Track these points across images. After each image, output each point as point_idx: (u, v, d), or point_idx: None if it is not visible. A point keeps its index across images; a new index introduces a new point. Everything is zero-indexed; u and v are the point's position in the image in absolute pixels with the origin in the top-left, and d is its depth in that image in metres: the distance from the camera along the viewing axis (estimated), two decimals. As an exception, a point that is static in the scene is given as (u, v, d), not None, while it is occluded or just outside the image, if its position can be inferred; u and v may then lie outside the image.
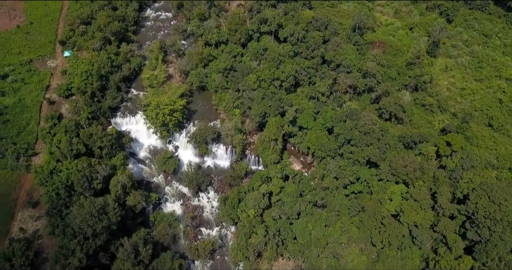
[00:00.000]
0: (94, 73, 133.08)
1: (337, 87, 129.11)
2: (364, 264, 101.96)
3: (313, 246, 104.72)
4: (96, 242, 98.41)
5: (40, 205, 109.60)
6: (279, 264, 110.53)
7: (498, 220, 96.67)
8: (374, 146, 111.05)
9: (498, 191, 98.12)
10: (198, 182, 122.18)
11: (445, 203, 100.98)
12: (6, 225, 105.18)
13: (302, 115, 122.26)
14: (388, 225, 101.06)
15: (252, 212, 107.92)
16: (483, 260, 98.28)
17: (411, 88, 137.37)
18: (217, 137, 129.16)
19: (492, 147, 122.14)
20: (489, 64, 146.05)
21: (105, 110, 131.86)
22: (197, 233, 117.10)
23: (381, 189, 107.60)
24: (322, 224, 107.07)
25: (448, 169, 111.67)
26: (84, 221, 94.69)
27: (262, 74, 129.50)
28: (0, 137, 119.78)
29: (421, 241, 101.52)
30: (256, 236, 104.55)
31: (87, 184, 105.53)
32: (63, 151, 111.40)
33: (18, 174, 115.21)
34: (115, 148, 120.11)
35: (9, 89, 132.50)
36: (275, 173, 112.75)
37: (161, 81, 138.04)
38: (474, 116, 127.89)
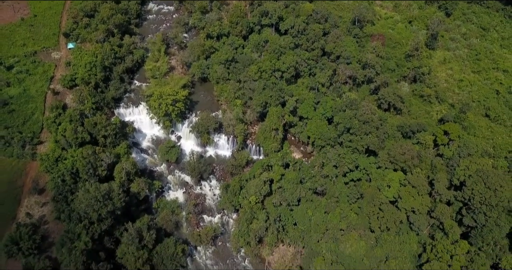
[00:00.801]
0: (98, 64, 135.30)
1: (336, 78, 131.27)
2: (363, 249, 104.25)
3: (313, 232, 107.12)
4: (101, 227, 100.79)
5: (46, 192, 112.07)
6: (279, 250, 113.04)
7: (494, 206, 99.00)
8: (373, 135, 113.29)
9: (494, 177, 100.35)
10: (200, 171, 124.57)
11: (442, 189, 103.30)
12: (13, 211, 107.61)
13: (302, 105, 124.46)
14: (386, 210, 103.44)
15: (253, 198, 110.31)
16: (479, 244, 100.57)
17: (409, 79, 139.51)
18: (218, 127, 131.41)
19: (489, 136, 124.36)
20: (486, 56, 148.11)
21: (108, 100, 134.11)
22: (199, 220, 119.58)
23: (380, 176, 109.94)
24: (321, 210, 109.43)
25: (445, 157, 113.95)
26: (89, 205, 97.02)
27: (263, 65, 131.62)
28: (6, 126, 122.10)
29: (418, 226, 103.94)
30: (257, 222, 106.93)
31: (92, 170, 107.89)
32: (68, 139, 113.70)
33: (24, 162, 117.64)
34: (118, 137, 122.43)
35: (14, 80, 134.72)
36: (276, 160, 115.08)
37: (163, 72, 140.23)
38: (471, 107, 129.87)
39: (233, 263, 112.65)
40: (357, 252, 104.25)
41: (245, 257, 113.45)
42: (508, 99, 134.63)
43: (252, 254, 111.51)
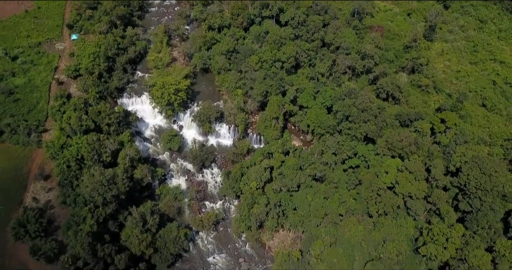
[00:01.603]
0: (101, 54, 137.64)
1: (336, 68, 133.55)
2: (361, 233, 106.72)
3: (312, 217, 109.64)
4: (106, 210, 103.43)
5: (51, 178, 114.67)
6: (279, 235, 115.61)
7: (489, 190, 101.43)
8: (372, 123, 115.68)
9: (489, 163, 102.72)
10: (202, 159, 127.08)
11: (439, 174, 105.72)
12: (20, 196, 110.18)
13: (302, 94, 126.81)
14: (384, 195, 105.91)
15: (254, 184, 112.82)
16: (474, 228, 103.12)
17: (408, 70, 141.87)
18: (220, 116, 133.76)
19: (485, 125, 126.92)
20: (484, 48, 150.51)
21: (112, 90, 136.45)
22: (201, 206, 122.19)
23: (378, 163, 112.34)
24: (321, 196, 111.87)
25: (442, 145, 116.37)
26: (94, 189, 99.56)
27: (263, 55, 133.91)
28: (12, 114, 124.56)
29: (415, 211, 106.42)
30: (258, 206, 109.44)
31: (97, 157, 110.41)
32: (73, 126, 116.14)
33: (29, 149, 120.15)
34: (122, 125, 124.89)
35: (19, 70, 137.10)
36: (276, 148, 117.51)
37: (166, 63, 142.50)
38: (468, 97, 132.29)
39: (234, 247, 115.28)
40: (355, 236, 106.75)
41: (246, 242, 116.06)
42: (504, 90, 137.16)
43: (253, 239, 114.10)
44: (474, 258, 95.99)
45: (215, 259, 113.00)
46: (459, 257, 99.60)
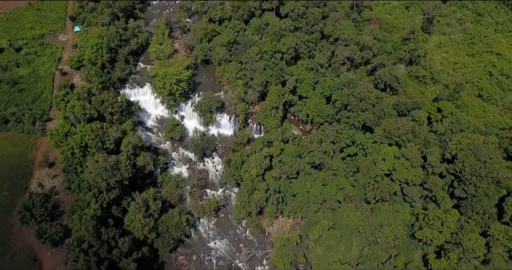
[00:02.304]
0: (104, 46, 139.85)
1: (335, 59, 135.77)
2: (359, 219, 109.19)
3: (311, 203, 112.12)
4: (109, 196, 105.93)
5: (56, 165, 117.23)
6: (279, 221, 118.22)
7: (483, 177, 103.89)
8: (369, 111, 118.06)
9: (483, 150, 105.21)
10: (203, 148, 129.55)
11: (435, 161, 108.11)
12: (25, 182, 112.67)
13: (302, 85, 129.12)
14: (381, 182, 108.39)
15: (254, 171, 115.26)
16: (469, 214, 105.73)
17: (405, 62, 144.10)
18: (221, 107, 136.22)
19: (481, 115, 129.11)
20: (481, 40, 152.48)
21: (114, 81, 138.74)
22: (202, 194, 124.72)
23: (375, 151, 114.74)
24: (319, 183, 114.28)
25: (438, 133, 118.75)
26: (98, 175, 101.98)
27: (264, 47, 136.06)
28: (16, 104, 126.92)
29: (411, 197, 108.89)
30: (258, 192, 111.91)
31: (100, 144, 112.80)
32: (77, 115, 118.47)
33: (34, 137, 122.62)
34: (125, 115, 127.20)
35: (23, 61, 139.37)
36: (276, 136, 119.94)
37: (167, 54, 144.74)
38: (465, 88, 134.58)
39: (235, 233, 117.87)
40: (353, 222, 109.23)
41: (246, 228, 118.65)
42: (500, 81, 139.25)
43: (253, 225, 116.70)
44: (468, 241, 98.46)
45: (216, 244, 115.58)
46: (454, 241, 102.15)
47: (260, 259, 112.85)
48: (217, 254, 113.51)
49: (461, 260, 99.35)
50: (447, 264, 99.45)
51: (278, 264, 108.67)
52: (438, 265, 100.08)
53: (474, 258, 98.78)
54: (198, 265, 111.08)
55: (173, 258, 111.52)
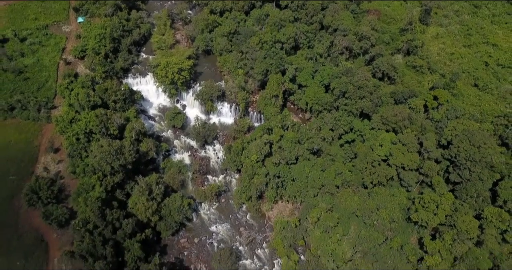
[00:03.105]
0: (107, 36, 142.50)
1: (334, 49, 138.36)
2: (356, 203, 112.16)
3: (309, 187, 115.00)
4: (113, 179, 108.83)
5: (61, 151, 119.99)
6: (278, 206, 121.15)
7: (477, 161, 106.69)
8: (367, 99, 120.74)
9: (478, 135, 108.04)
10: (204, 135, 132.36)
11: (430, 146, 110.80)
12: (31, 167, 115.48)
13: (301, 74, 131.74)
14: (378, 166, 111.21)
15: (254, 157, 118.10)
16: (463, 197, 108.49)
17: (403, 52, 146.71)
18: (221, 95, 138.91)
19: (477, 103, 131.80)
20: (477, 32, 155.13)
21: (117, 70, 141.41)
22: (204, 180, 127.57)
23: (373, 137, 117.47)
24: (318, 168, 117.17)
25: (435, 120, 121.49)
26: (103, 158, 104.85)
27: (264, 37, 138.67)
28: (22, 92, 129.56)
29: (407, 181, 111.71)
30: (258, 177, 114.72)
31: (104, 130, 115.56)
32: (81, 102, 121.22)
33: (39, 124, 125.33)
34: (128, 103, 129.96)
35: (27, 50, 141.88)
36: (276, 122, 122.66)
37: (169, 44, 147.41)
38: (461, 77, 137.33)
39: (236, 218, 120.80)
40: (351, 206, 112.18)
41: (247, 213, 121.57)
42: (496, 71, 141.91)
43: (253, 209, 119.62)
44: (462, 223, 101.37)
45: (217, 228, 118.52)
46: (448, 223, 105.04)
47: (260, 242, 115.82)
48: (218, 237, 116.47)
49: (455, 242, 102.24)
50: (442, 245, 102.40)
51: (278, 247, 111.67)
52: (433, 246, 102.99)
53: (468, 239, 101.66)
54: (200, 248, 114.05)
55: (175, 241, 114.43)
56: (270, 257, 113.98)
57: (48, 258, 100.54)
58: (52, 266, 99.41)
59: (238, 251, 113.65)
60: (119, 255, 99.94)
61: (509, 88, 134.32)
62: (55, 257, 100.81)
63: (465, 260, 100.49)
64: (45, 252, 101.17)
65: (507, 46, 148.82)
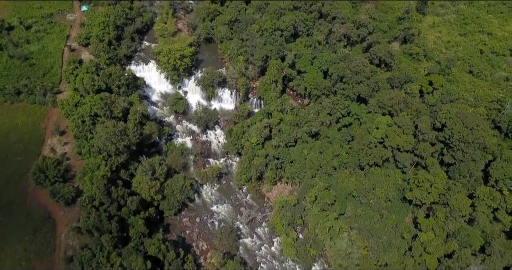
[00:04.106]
0: (111, 23, 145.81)
1: (332, 36, 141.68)
2: (353, 184, 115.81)
3: (308, 168, 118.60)
4: (118, 160, 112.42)
5: (66, 134, 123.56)
6: (277, 188, 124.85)
7: (470, 142, 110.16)
8: (364, 84, 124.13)
9: (471, 118, 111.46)
10: (206, 120, 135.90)
11: (425, 128, 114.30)
12: (38, 149, 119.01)
13: (300, 60, 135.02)
14: (374, 148, 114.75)
15: (254, 139, 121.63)
16: (457, 178, 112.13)
17: (400, 40, 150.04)
18: (222, 82, 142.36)
19: (471, 89, 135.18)
20: (473, 21, 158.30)
21: (120, 57, 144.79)
22: (205, 162, 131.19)
23: (369, 120, 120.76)
24: (316, 151, 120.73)
25: (429, 104, 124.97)
26: (108, 139, 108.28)
27: (264, 24, 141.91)
28: (28, 77, 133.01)
29: (403, 163, 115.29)
30: (258, 158, 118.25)
31: (109, 112, 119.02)
32: (86, 86, 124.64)
33: (45, 108, 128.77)
34: (131, 88, 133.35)
35: (33, 38, 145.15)
36: (275, 106, 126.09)
37: (171, 32, 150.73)
38: (456, 64, 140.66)
39: (236, 198, 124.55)
40: (348, 187, 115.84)
41: (247, 194, 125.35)
42: (490, 58, 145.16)
43: (253, 190, 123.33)
44: (455, 201, 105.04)
45: (218, 208, 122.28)
46: (441, 202, 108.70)
47: (259, 221, 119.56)
48: (219, 217, 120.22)
49: (448, 219, 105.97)
50: (435, 222, 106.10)
51: (277, 225, 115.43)
52: (426, 223, 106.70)
53: (460, 217, 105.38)
54: (201, 227, 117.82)
55: (177, 220, 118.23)
56: (269, 235, 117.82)
57: (56, 234, 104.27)
58: (59, 241, 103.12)
59: (239, 230, 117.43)
60: (123, 231, 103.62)
61: (503, 75, 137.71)
62: (62, 233, 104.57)
63: (457, 236, 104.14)
64: (52, 228, 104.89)
65: (502, 34, 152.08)
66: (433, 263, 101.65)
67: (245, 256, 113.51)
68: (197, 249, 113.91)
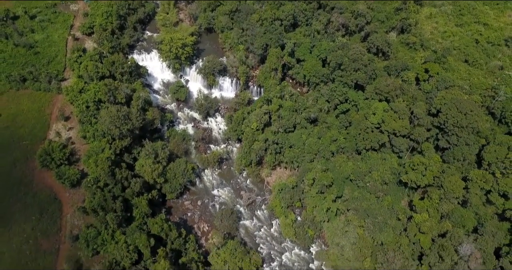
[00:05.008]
0: (114, 13, 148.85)
1: (331, 25, 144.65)
2: (351, 168, 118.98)
3: (306, 153, 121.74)
4: (122, 143, 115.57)
5: (71, 119, 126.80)
6: (277, 172, 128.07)
7: (464, 127, 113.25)
8: (362, 71, 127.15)
9: (465, 103, 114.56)
10: (207, 107, 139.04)
11: (420, 113, 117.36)
12: (44, 133, 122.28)
13: (299, 48, 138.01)
14: (371, 132, 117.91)
15: (254, 125, 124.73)
16: (451, 161, 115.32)
17: (397, 30, 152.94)
18: (223, 70, 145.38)
19: (466, 77, 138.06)
20: (469, 12, 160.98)
21: (123, 46, 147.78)
22: (206, 148, 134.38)
23: (367, 106, 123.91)
24: (314, 136, 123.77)
25: (425, 91, 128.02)
26: (112, 122, 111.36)
27: (264, 14, 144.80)
28: (33, 64, 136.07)
29: (399, 147, 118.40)
30: (257, 143, 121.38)
31: (113, 98, 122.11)
32: (90, 73, 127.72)
33: (50, 95, 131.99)
34: (134, 75, 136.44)
35: (37, 27, 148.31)
36: (275, 93, 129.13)
37: (173, 21, 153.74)
38: (452, 53, 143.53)
39: (236, 182, 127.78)
40: (345, 171, 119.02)
41: (247, 178, 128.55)
42: (486, 48, 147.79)
43: (253, 174, 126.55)
44: (449, 183, 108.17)
45: (219, 192, 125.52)
46: (436, 184, 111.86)
47: (259, 204, 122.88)
48: (220, 200, 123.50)
49: (442, 200, 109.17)
50: (430, 204, 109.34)
51: (276, 208, 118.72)
52: (421, 205, 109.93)
53: (454, 198, 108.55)
54: (203, 210, 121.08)
55: (179, 203, 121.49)
56: (268, 217, 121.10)
57: (61, 214, 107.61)
58: (65, 221, 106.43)
59: (239, 212, 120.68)
60: (127, 211, 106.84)
61: (498, 64, 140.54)
62: (68, 213, 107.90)
63: (451, 217, 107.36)
64: (58, 208, 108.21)
65: (497, 25, 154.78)
66: (427, 242, 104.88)
67: (245, 237, 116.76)
68: (199, 230, 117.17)
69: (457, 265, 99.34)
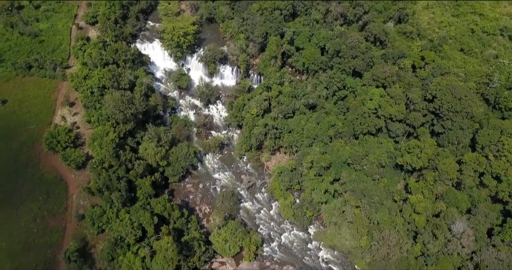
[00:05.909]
0: (117, 3, 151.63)
1: (329, 15, 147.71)
2: (348, 153, 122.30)
3: (305, 137, 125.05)
4: (125, 127, 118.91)
5: (76, 105, 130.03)
6: (276, 157, 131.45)
7: (459, 112, 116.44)
8: (359, 58, 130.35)
9: (459, 89, 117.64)
10: (208, 95, 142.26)
11: (416, 98, 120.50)
12: (49, 118, 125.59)
13: (298, 37, 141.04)
14: (368, 117, 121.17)
15: (254, 110, 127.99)
16: (445, 145, 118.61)
17: (394, 20, 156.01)
18: (224, 59, 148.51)
19: (462, 66, 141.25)
20: (466, 3, 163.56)
21: (126, 35, 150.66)
22: (207, 134, 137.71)
23: (364, 92, 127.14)
24: (313, 122, 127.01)
25: (421, 78, 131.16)
26: (116, 106, 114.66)
27: (264, 4, 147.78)
28: (38, 52, 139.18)
29: (395, 131, 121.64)
30: (257, 128, 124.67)
31: (116, 84, 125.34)
32: (94, 60, 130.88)
33: (55, 82, 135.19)
34: (137, 63, 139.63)
35: (42, 17, 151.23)
36: (274, 79, 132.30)
37: (175, 11, 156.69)
38: (448, 42, 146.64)
39: (237, 167, 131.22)
40: (343, 155, 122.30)
41: (247, 162, 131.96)
42: (481, 37, 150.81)
43: (253, 159, 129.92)
44: (443, 165, 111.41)
45: (220, 175, 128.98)
46: (431, 166, 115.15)
47: (259, 187, 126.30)
48: (221, 183, 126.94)
49: (437, 182, 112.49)
50: (424, 185, 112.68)
51: (275, 191, 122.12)
52: (416, 187, 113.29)
53: (448, 180, 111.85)
54: (204, 192, 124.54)
55: (181, 186, 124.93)
56: (268, 200, 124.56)
57: (67, 194, 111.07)
58: (71, 201, 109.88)
59: (239, 195, 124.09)
60: (131, 192, 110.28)
61: (493, 52, 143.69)
62: (74, 194, 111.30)
63: (445, 198, 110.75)
64: (64, 189, 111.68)
65: (493, 15, 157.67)
66: (421, 222, 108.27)
67: (246, 219, 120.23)
68: (200, 212, 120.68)
69: (450, 242, 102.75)
